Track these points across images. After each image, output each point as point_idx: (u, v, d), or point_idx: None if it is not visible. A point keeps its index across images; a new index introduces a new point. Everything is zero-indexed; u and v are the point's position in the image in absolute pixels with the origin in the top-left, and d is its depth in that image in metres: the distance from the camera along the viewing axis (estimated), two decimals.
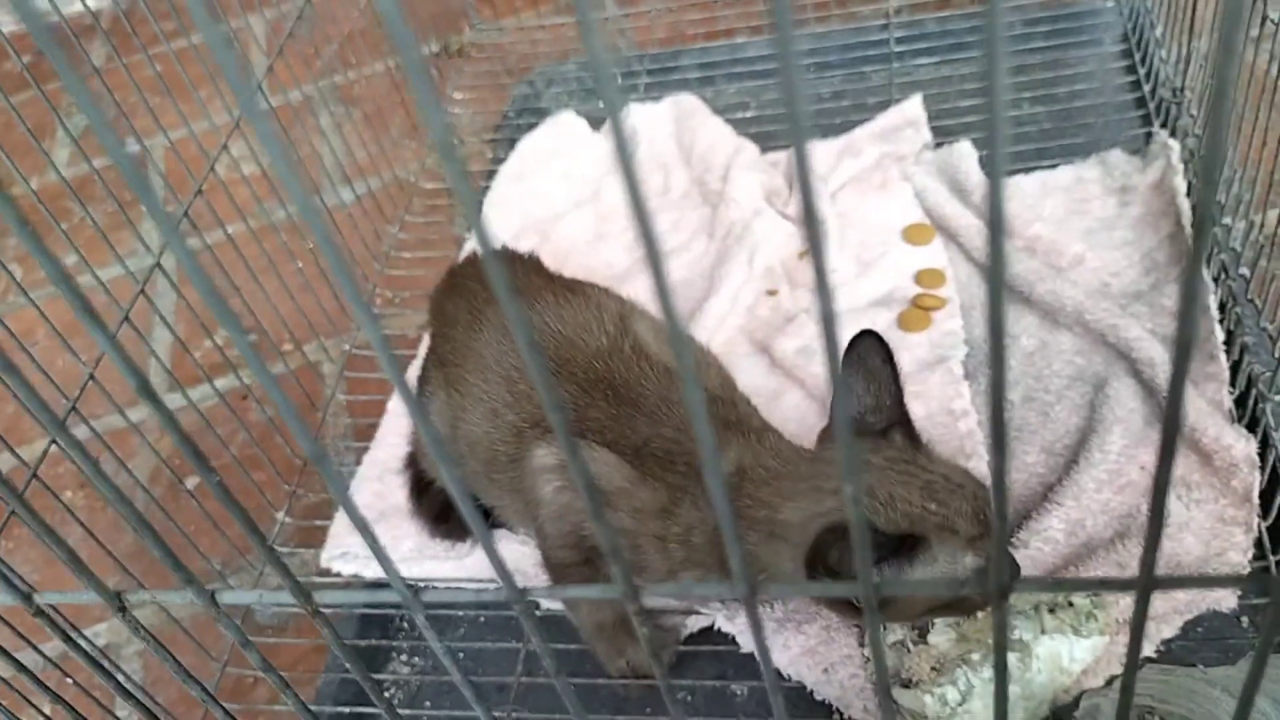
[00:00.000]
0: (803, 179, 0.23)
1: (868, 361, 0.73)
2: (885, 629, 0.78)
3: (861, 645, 0.80)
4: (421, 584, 0.93)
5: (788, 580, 0.68)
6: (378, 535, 0.95)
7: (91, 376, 0.83)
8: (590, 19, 0.23)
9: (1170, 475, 0.29)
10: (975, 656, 0.74)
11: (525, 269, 0.91)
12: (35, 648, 0.74)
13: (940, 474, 0.67)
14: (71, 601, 0.42)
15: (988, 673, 0.73)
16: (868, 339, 0.74)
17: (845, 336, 1.00)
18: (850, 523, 0.64)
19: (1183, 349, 0.25)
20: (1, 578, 0.39)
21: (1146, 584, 0.31)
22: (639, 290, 0.94)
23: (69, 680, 1.01)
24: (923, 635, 0.77)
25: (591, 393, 0.77)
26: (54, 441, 0.79)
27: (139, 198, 0.26)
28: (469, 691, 0.38)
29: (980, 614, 0.77)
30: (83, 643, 0.88)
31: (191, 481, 1.13)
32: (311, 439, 0.31)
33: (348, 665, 0.38)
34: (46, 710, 0.70)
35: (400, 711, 0.89)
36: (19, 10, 0.23)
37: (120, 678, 0.67)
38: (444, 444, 0.87)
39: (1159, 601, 0.77)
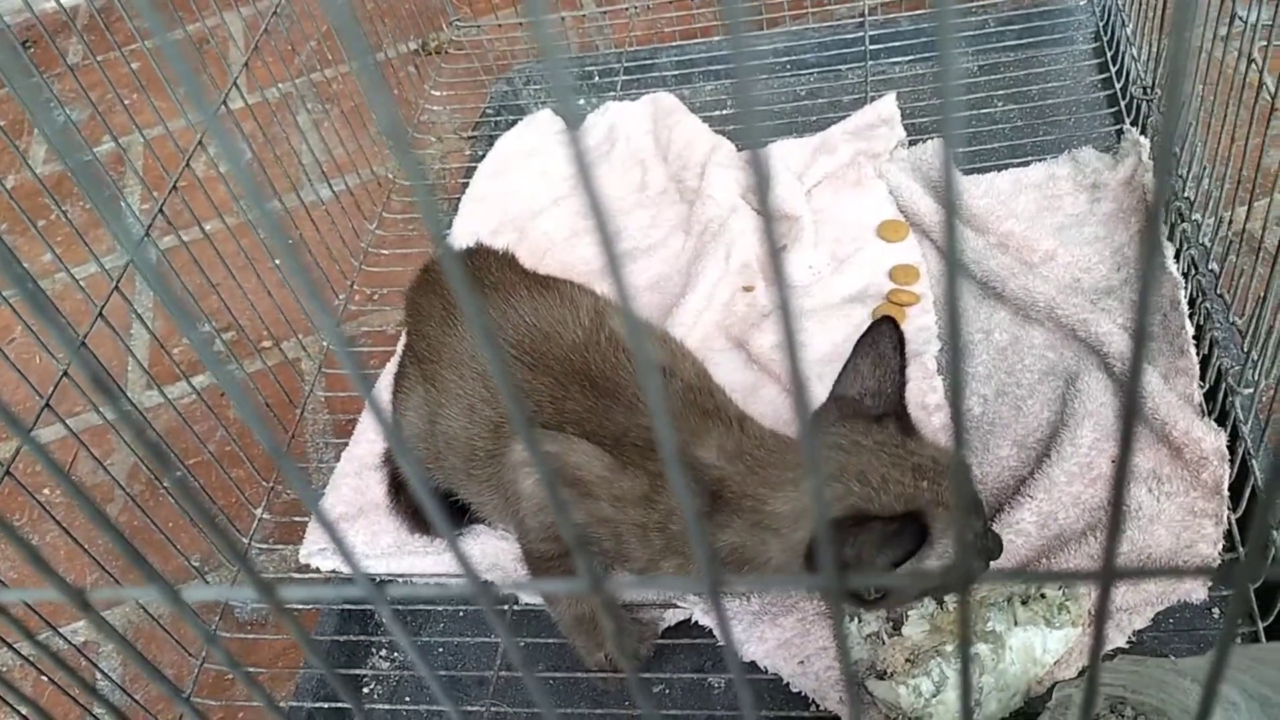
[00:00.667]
0: (759, 179, 0.24)
1: (879, 346, 0.74)
2: (860, 620, 0.79)
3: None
4: (389, 579, 0.93)
5: (776, 570, 0.69)
6: (356, 531, 0.95)
7: (65, 374, 0.83)
8: (545, 23, 0.23)
9: (1129, 465, 0.30)
10: (949, 648, 0.75)
11: (500, 264, 0.91)
12: (10, 646, 0.74)
13: (929, 456, 0.69)
14: (35, 599, 0.42)
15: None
16: (885, 324, 0.75)
17: (821, 331, 1.01)
18: (854, 514, 0.65)
19: (1140, 335, 0.26)
20: None
21: (1108, 575, 0.32)
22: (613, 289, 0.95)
23: (45, 679, 1.01)
24: (897, 627, 0.78)
25: (569, 385, 0.78)
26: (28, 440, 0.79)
27: (98, 210, 0.26)
28: (437, 685, 0.38)
29: (953, 607, 0.78)
30: (59, 640, 0.88)
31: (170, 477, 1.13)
32: (270, 436, 0.31)
33: (313, 661, 0.38)
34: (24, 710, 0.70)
35: (380, 707, 0.90)
36: None
37: (100, 673, 0.67)
38: (420, 440, 0.88)
39: (1130, 593, 0.78)
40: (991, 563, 0.73)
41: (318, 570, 0.95)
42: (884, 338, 0.74)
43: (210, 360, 0.31)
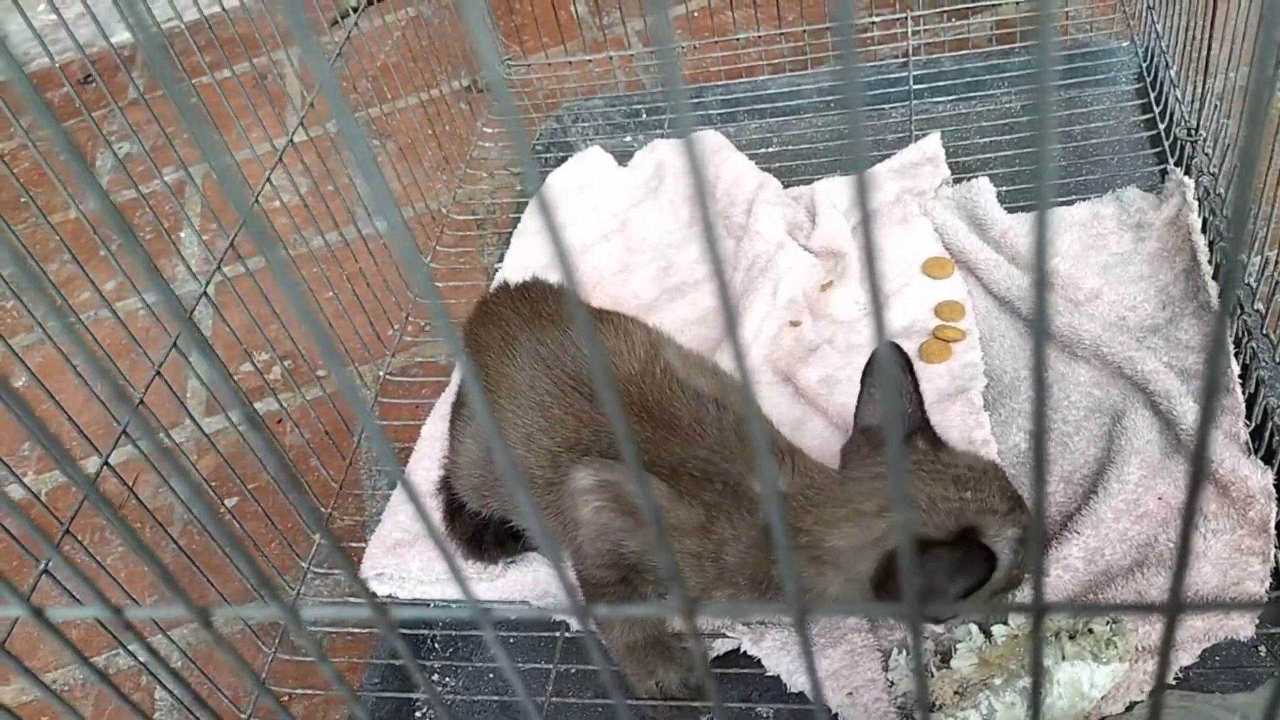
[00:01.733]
0: (861, 199, 0.26)
1: (886, 370, 0.76)
2: (908, 652, 0.80)
3: (885, 670, 0.82)
4: (486, 604, 0.95)
5: (831, 603, 0.71)
6: (412, 557, 0.97)
7: (141, 401, 0.86)
8: (670, 51, 0.25)
9: (1198, 503, 0.32)
10: (997, 681, 0.76)
11: (556, 298, 0.94)
12: (86, 661, 0.77)
13: (965, 465, 0.72)
14: (158, 616, 0.44)
15: (1010, 696, 0.75)
16: (887, 349, 0.76)
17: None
18: (902, 549, 0.68)
19: (1210, 391, 0.28)
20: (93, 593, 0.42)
21: (1174, 608, 0.34)
22: (666, 320, 0.98)
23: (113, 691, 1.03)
24: (945, 660, 0.80)
25: (627, 415, 0.80)
26: (105, 463, 0.83)
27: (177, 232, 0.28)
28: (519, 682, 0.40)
29: (1001, 640, 0.80)
30: (124, 658, 0.90)
31: (231, 501, 1.16)
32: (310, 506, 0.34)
33: (415, 679, 0.40)
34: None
35: None
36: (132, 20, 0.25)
37: (171, 690, 0.69)
38: (476, 467, 0.90)
39: (1178, 630, 0.79)
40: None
41: (374, 594, 0.97)
42: (888, 362, 0.76)
43: (254, 432, 0.33)
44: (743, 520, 0.75)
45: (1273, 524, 0.83)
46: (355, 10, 1.27)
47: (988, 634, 0.80)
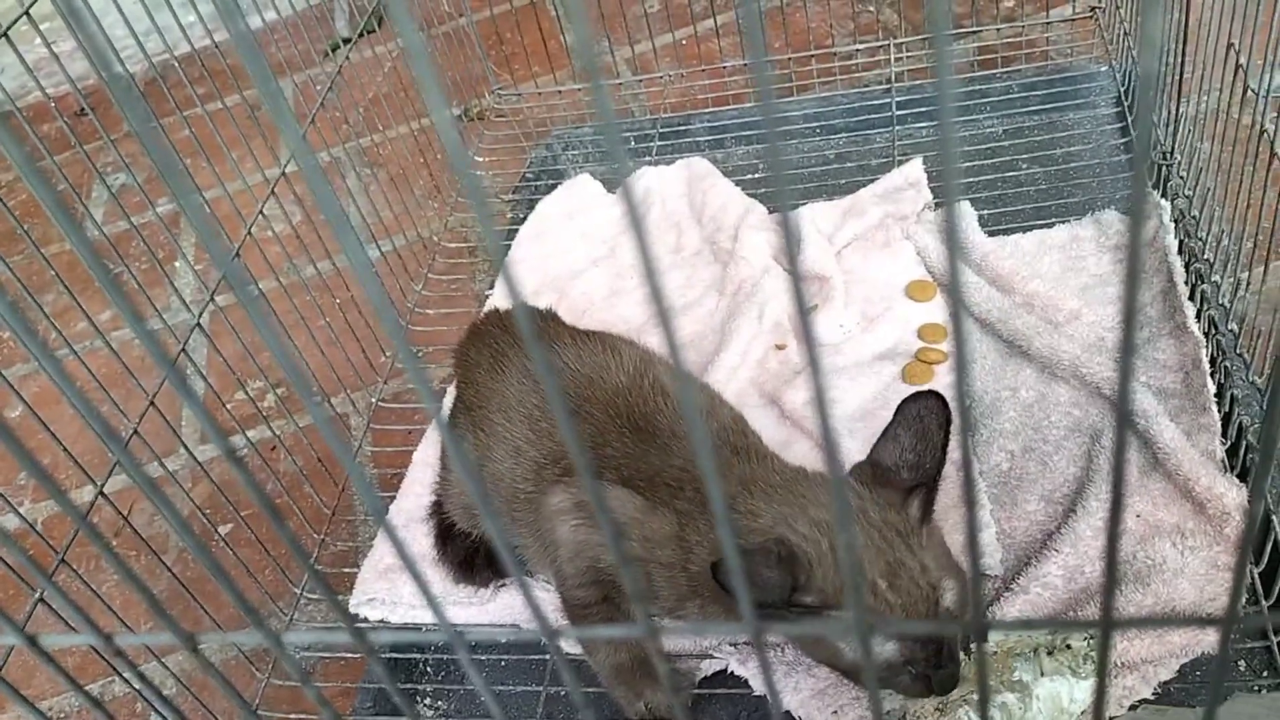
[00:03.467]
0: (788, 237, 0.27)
1: (925, 422, 0.75)
2: None
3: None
4: (434, 627, 0.96)
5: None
6: (404, 581, 0.99)
7: (136, 432, 0.88)
8: (601, 88, 0.26)
9: (1123, 498, 0.33)
10: (976, 697, 0.77)
11: (543, 319, 0.96)
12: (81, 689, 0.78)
13: (919, 563, 0.69)
14: (148, 642, 0.46)
15: (991, 712, 0.77)
16: (933, 400, 0.75)
17: (852, 388, 1.04)
18: (781, 547, 0.67)
19: (1126, 346, 0.30)
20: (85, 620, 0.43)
21: (1106, 625, 0.35)
22: (655, 343, 0.99)
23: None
24: None
25: (609, 430, 0.81)
26: (100, 492, 0.84)
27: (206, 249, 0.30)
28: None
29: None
30: (119, 685, 0.91)
31: (225, 528, 1.17)
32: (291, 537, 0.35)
33: (396, 702, 0.41)
34: None
35: None
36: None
37: (165, 717, 0.70)
38: (473, 473, 0.92)
39: (1155, 644, 0.80)
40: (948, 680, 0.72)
41: (365, 619, 0.98)
42: (931, 415, 0.74)
43: (243, 473, 0.35)
44: (709, 525, 0.75)
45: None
46: (347, 42, 1.29)
47: (967, 651, 0.81)
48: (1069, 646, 0.79)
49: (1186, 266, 1.04)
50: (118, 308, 0.32)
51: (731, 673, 0.89)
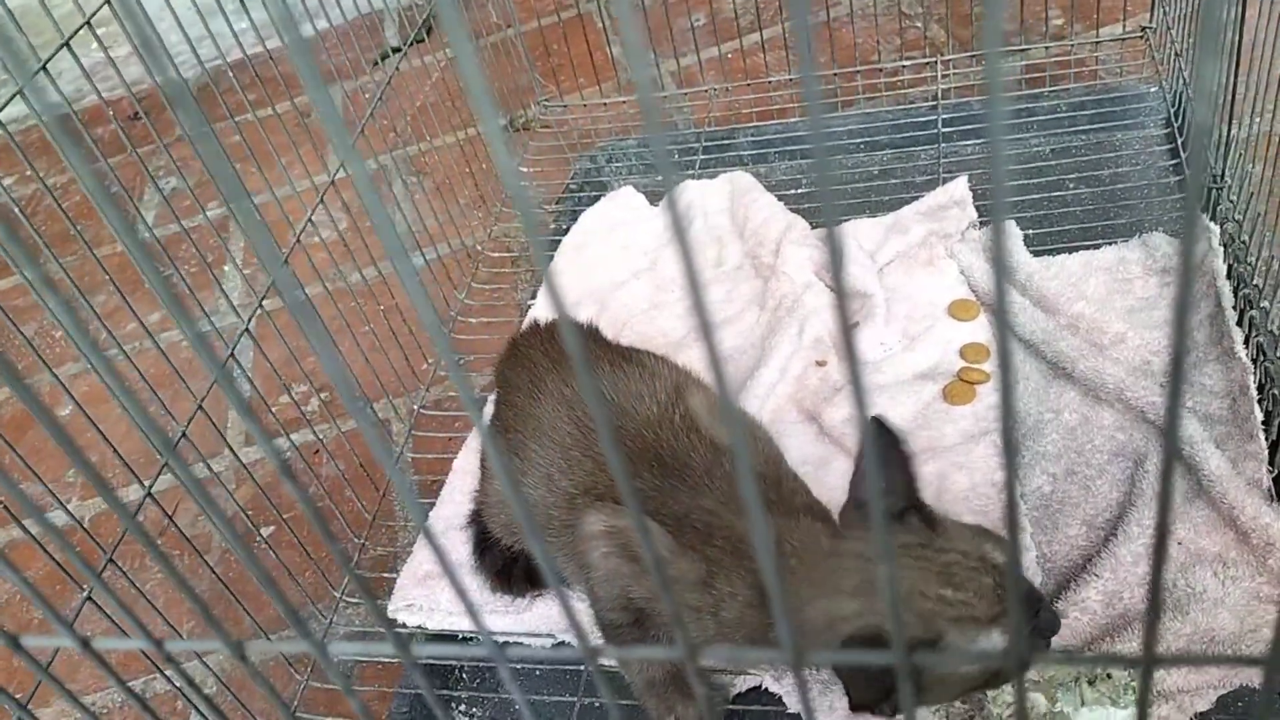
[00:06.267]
0: (834, 254, 0.28)
1: (884, 449, 0.73)
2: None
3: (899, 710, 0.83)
4: (470, 635, 0.97)
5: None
6: (443, 589, 1.00)
7: (184, 434, 0.89)
8: (651, 101, 0.27)
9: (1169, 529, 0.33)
10: None
11: (584, 336, 0.96)
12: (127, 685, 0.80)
13: (959, 553, 0.68)
14: (198, 649, 0.47)
15: None
16: (874, 425, 0.73)
17: (892, 406, 1.04)
18: (870, 634, 0.66)
19: (1176, 365, 0.30)
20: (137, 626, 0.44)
21: (1149, 660, 0.35)
22: (694, 358, 0.99)
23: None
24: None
25: (638, 462, 0.81)
26: (149, 493, 0.86)
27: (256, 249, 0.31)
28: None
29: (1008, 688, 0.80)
30: (160, 684, 0.92)
31: (267, 530, 1.19)
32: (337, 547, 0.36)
33: (433, 709, 0.42)
34: None
35: None
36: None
37: (206, 716, 0.72)
38: (504, 504, 0.92)
39: (1192, 675, 0.79)
40: (1052, 639, 0.71)
41: (403, 625, 0.99)
42: (880, 439, 0.73)
43: (291, 483, 0.35)
44: (741, 578, 0.74)
45: None
46: (397, 51, 1.31)
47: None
48: (1109, 676, 0.79)
49: (1235, 291, 1.03)
50: (169, 311, 0.33)
51: (765, 689, 0.89)
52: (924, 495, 0.73)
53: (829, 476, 0.99)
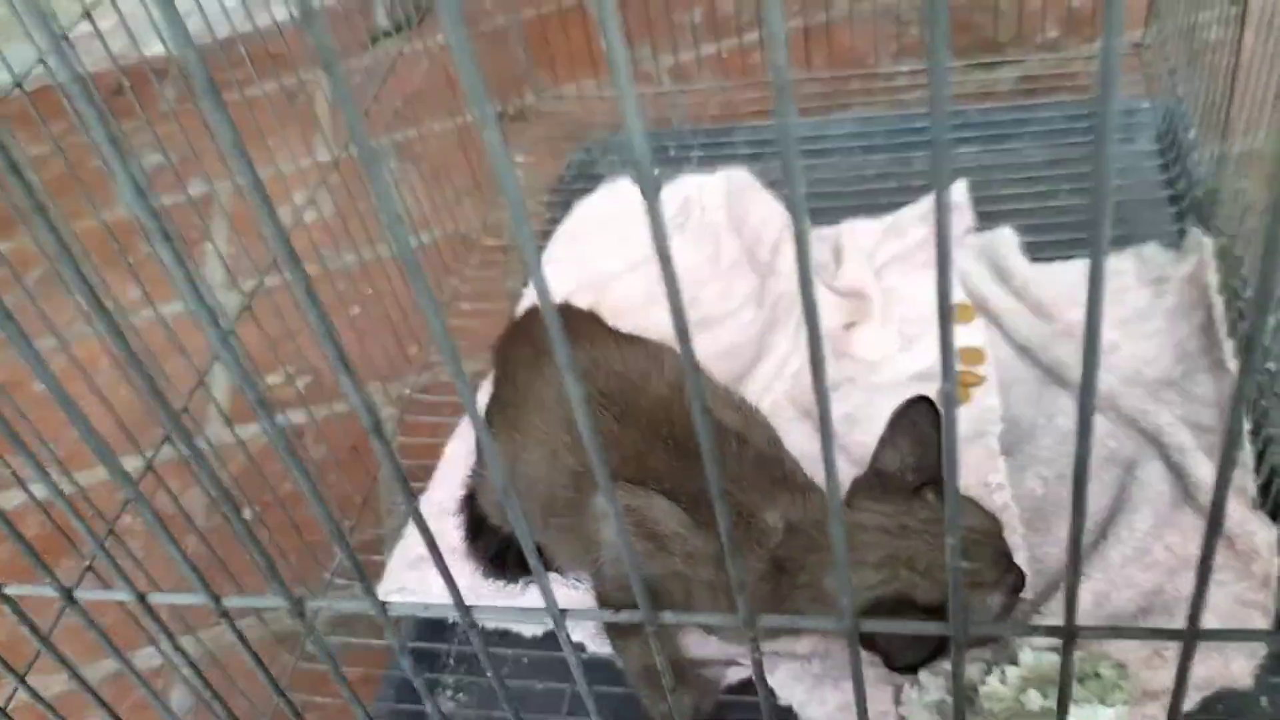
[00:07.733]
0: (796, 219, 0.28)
1: (919, 426, 0.79)
2: (921, 687, 0.81)
3: (897, 704, 0.84)
4: (476, 610, 0.97)
5: (838, 643, 0.73)
6: (435, 574, 0.99)
7: (185, 409, 0.88)
8: (631, 98, 0.27)
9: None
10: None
11: (587, 320, 0.96)
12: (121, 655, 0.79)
13: (969, 526, 0.74)
14: (178, 601, 0.47)
15: None
16: (922, 404, 0.79)
17: (887, 406, 1.05)
18: (900, 598, 0.70)
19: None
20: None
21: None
22: (695, 354, 1.00)
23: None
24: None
25: (653, 440, 0.82)
26: (149, 466, 0.85)
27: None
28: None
29: (1015, 680, 0.81)
30: (145, 660, 0.91)
31: (249, 511, 1.17)
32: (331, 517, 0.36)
33: (408, 674, 0.42)
34: None
35: None
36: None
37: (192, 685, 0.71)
38: (501, 475, 0.92)
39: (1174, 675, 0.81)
40: (1020, 595, 0.79)
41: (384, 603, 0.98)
42: (922, 417, 0.79)
43: (291, 458, 0.35)
44: (753, 552, 0.77)
45: (1275, 579, 0.85)
46: (388, 35, 1.30)
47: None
48: (1099, 675, 0.80)
49: (1227, 303, 1.05)
50: (179, 286, 0.33)
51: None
52: None
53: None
